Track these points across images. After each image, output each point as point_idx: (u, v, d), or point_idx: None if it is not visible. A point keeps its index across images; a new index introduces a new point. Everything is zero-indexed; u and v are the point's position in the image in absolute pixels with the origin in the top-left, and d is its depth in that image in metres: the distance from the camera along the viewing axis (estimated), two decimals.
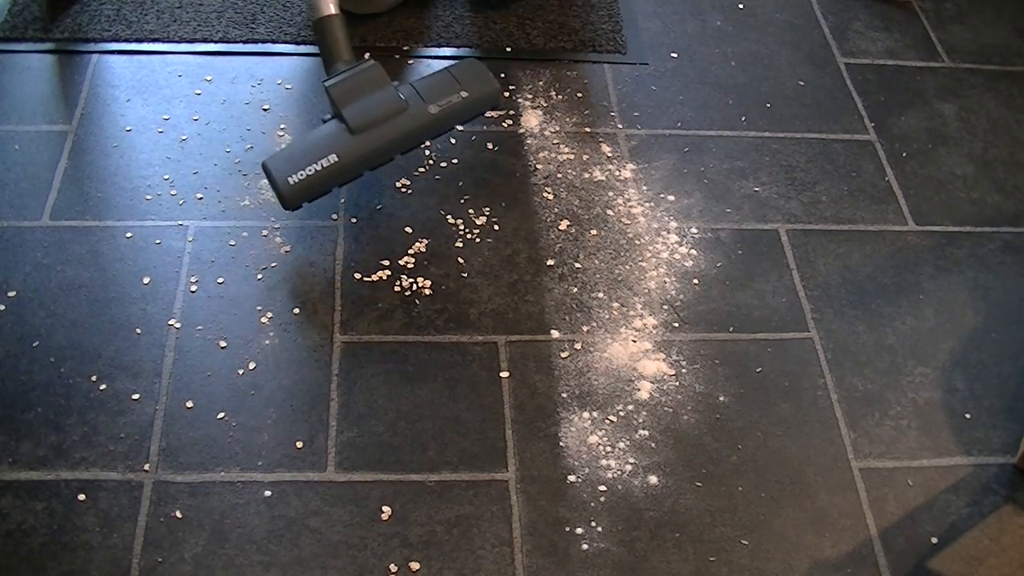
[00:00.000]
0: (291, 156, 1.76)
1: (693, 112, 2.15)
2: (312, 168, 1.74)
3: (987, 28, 2.42)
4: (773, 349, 1.76)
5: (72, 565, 1.43)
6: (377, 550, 1.47)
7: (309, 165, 1.74)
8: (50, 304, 1.72)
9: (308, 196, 1.76)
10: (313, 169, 1.74)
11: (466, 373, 1.69)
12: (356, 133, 1.77)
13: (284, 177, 1.74)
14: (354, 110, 1.77)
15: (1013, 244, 1.97)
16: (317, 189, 1.76)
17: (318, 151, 1.75)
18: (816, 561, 1.51)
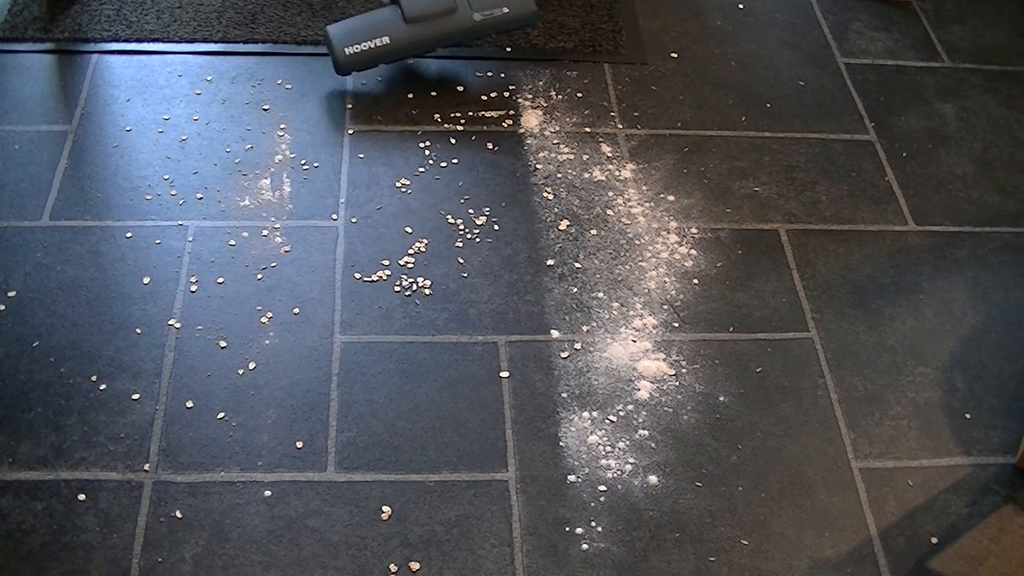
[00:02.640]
0: (351, 30, 2.06)
1: (693, 112, 2.15)
2: (367, 44, 2.04)
3: (987, 28, 2.42)
4: (773, 349, 1.76)
5: (72, 565, 1.43)
6: (377, 550, 1.47)
7: (365, 41, 2.04)
8: (50, 304, 1.72)
9: (358, 67, 2.06)
10: (368, 45, 2.04)
11: (466, 373, 1.69)
12: (409, 23, 2.06)
13: (342, 47, 2.04)
14: (412, 3, 2.07)
15: (1013, 244, 1.97)
16: (367, 63, 2.06)
17: (375, 30, 2.05)
18: (816, 561, 1.51)
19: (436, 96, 2.13)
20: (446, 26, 2.08)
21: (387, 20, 2.07)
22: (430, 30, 2.07)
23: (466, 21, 2.08)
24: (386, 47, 2.05)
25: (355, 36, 2.05)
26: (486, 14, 2.08)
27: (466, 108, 2.11)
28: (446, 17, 2.08)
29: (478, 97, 2.13)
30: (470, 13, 2.08)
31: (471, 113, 2.10)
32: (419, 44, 2.08)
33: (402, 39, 2.06)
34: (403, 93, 2.13)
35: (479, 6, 2.09)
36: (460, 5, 2.09)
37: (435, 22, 2.07)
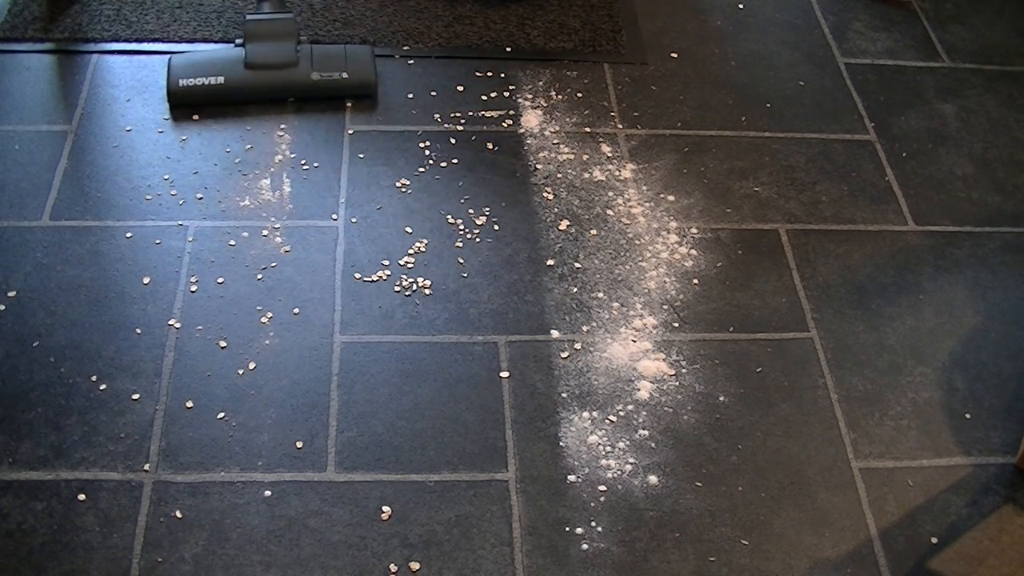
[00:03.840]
0: (192, 62, 2.05)
1: (693, 112, 2.15)
2: (201, 80, 2.02)
3: (987, 28, 2.42)
4: (773, 349, 1.76)
5: (72, 565, 1.43)
6: (377, 550, 1.47)
7: (200, 77, 2.03)
8: (50, 304, 1.72)
9: (188, 101, 2.03)
10: (202, 81, 2.02)
11: (466, 373, 1.69)
12: (248, 68, 2.05)
13: (177, 78, 2.03)
14: (255, 48, 2.07)
15: (1013, 244, 1.97)
16: (199, 99, 2.03)
17: (212, 68, 2.04)
18: (816, 561, 1.51)
19: (436, 96, 2.13)
20: (283, 79, 2.06)
21: (228, 61, 2.06)
22: (266, 79, 2.05)
23: (303, 78, 2.06)
24: (219, 87, 2.03)
25: (193, 69, 2.04)
26: (325, 75, 2.06)
27: (466, 108, 2.11)
28: (285, 70, 2.06)
29: (478, 97, 2.13)
30: (309, 71, 2.06)
31: (471, 113, 2.10)
32: (254, 91, 2.05)
33: (237, 83, 2.04)
34: (403, 93, 2.13)
35: (320, 66, 2.07)
36: (302, 61, 2.07)
37: (273, 72, 2.05)
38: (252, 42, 2.08)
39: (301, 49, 2.09)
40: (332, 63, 2.07)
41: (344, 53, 2.09)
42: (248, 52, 2.06)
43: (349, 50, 2.10)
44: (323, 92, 2.07)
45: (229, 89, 2.03)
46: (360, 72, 2.08)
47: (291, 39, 2.09)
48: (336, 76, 2.06)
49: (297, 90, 2.07)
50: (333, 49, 2.10)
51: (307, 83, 2.06)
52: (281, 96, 2.07)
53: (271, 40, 2.08)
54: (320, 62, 2.07)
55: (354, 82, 2.07)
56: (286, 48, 2.07)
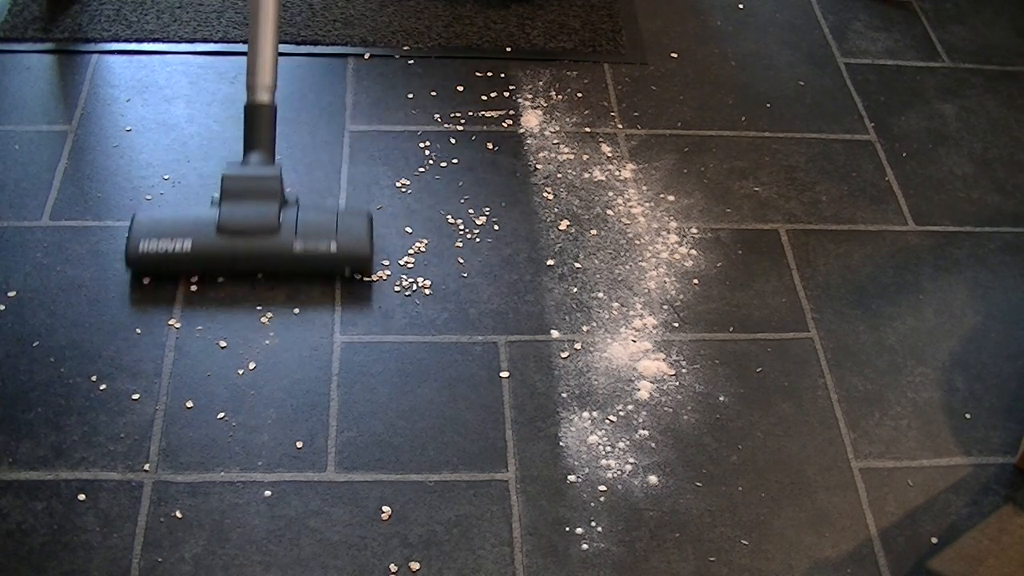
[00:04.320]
0: (157, 221, 1.76)
1: (693, 112, 2.15)
2: (165, 245, 1.72)
3: (987, 28, 2.42)
4: (773, 349, 1.76)
5: (72, 565, 1.43)
6: (377, 550, 1.47)
7: (164, 239, 1.72)
8: (50, 304, 1.72)
9: (150, 268, 1.75)
10: (166, 247, 1.72)
11: (466, 373, 1.69)
12: (220, 233, 1.74)
13: (137, 240, 1.73)
14: (230, 210, 1.75)
15: (1013, 244, 1.97)
16: (161, 267, 1.75)
17: (179, 231, 1.74)
18: (816, 561, 1.51)
19: (436, 96, 2.13)
20: (260, 248, 1.74)
21: (198, 223, 1.75)
22: (241, 248, 1.74)
23: (284, 249, 1.73)
24: (185, 255, 1.72)
25: (157, 229, 1.74)
26: (308, 247, 1.73)
27: (466, 108, 2.11)
28: (263, 238, 1.74)
29: (478, 97, 2.13)
30: (291, 241, 1.74)
31: (471, 113, 2.10)
32: (225, 261, 1.75)
33: (206, 250, 1.73)
34: (403, 93, 2.13)
35: (304, 235, 1.74)
36: (284, 229, 1.74)
37: (249, 240, 1.73)
38: (228, 201, 1.76)
39: (285, 212, 1.77)
40: (319, 231, 1.75)
41: (335, 220, 1.77)
42: (222, 214, 1.75)
43: (342, 216, 1.79)
44: (310, 265, 1.76)
45: (197, 257, 1.73)
46: (352, 244, 1.76)
47: (274, 200, 1.76)
48: (323, 247, 1.74)
49: (276, 262, 1.76)
50: (323, 213, 1.80)
51: (287, 255, 1.74)
52: (258, 268, 1.77)
53: (251, 200, 1.76)
54: (306, 230, 1.75)
55: (344, 256, 1.76)
56: (266, 211, 1.75)
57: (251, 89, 1.84)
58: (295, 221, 1.76)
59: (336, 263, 1.76)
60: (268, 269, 1.77)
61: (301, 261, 1.75)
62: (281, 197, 1.78)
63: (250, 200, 1.76)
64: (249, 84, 1.84)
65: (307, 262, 1.75)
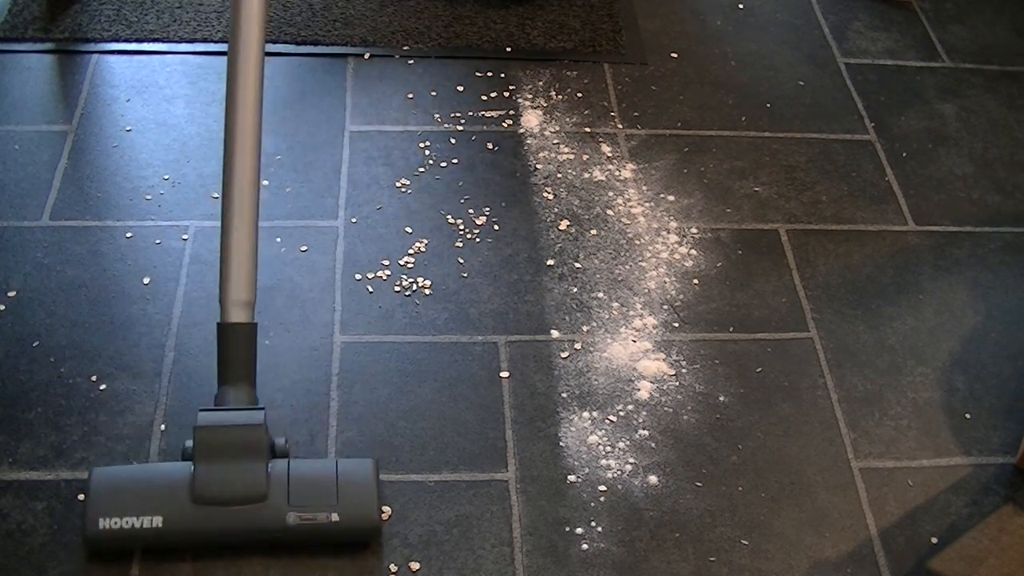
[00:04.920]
0: (120, 489, 1.42)
1: (693, 112, 2.15)
2: (130, 521, 1.39)
3: (987, 28, 2.42)
4: (773, 349, 1.76)
5: (72, 565, 1.43)
6: (377, 550, 1.47)
7: (128, 516, 1.40)
8: (50, 304, 1.72)
9: (114, 547, 1.42)
10: (130, 523, 1.39)
11: (466, 373, 1.69)
12: (195, 502, 1.40)
13: (97, 516, 1.40)
14: (207, 473, 1.41)
15: (1013, 244, 1.97)
16: (128, 544, 1.42)
17: (146, 503, 1.40)
18: (816, 561, 1.51)
19: (436, 96, 2.13)
20: (244, 521, 1.40)
21: (168, 491, 1.41)
22: (222, 521, 1.40)
23: (276, 520, 1.40)
24: (156, 532, 1.39)
25: (120, 503, 1.40)
26: (304, 517, 1.41)
27: (466, 108, 2.11)
28: (249, 507, 1.40)
29: (478, 97, 2.13)
30: (283, 511, 1.41)
31: (471, 113, 2.10)
32: (203, 536, 1.42)
33: (180, 525, 1.40)
34: (403, 93, 2.13)
35: (298, 502, 1.41)
36: (274, 495, 1.41)
37: (232, 512, 1.40)
38: (203, 462, 1.42)
39: (274, 470, 1.44)
40: (318, 495, 1.43)
41: (335, 479, 1.45)
42: (197, 479, 1.41)
43: (343, 470, 1.46)
44: (307, 538, 1.43)
45: (170, 534, 1.40)
46: (357, 512, 1.43)
47: (260, 457, 1.42)
48: (323, 517, 1.42)
49: (267, 537, 1.43)
50: (320, 472, 1.46)
51: (282, 527, 1.41)
52: (247, 545, 1.44)
53: (231, 459, 1.42)
54: (299, 495, 1.42)
55: (347, 527, 1.43)
56: (251, 474, 1.42)
57: (224, 306, 1.51)
58: (287, 483, 1.43)
59: (340, 533, 1.44)
60: (255, 544, 1.45)
61: (298, 534, 1.42)
62: (268, 451, 1.45)
63: (229, 458, 1.42)
64: (222, 299, 1.51)
65: (305, 535, 1.42)
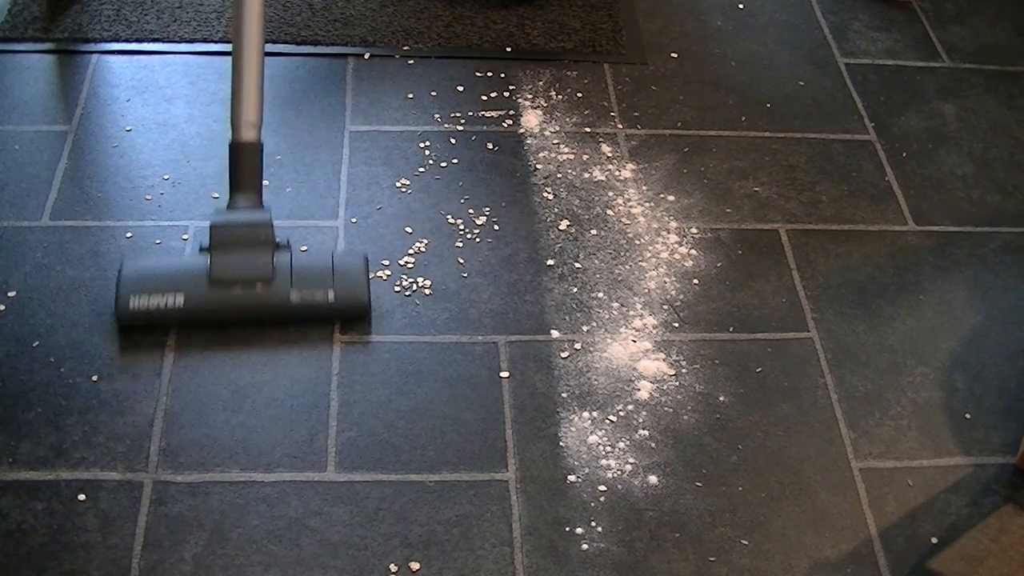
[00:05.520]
0: (146, 275, 1.69)
1: (693, 112, 2.15)
2: (157, 301, 1.66)
3: (987, 28, 2.42)
4: (773, 349, 1.76)
5: (72, 565, 1.43)
6: (377, 550, 1.47)
7: (155, 295, 1.66)
8: (50, 304, 1.72)
9: (142, 322, 1.68)
10: (156, 302, 1.66)
11: (466, 373, 1.69)
12: (212, 284, 1.68)
13: (127, 295, 1.67)
14: (222, 260, 1.69)
15: (1013, 244, 1.97)
16: (155, 320, 1.68)
17: (170, 284, 1.67)
18: (816, 561, 1.51)
19: (436, 96, 2.13)
20: (255, 300, 1.68)
21: (189, 275, 1.69)
22: (235, 299, 1.68)
23: (281, 300, 1.68)
24: (178, 310, 1.66)
25: (147, 285, 1.67)
26: (305, 296, 1.68)
27: (466, 108, 2.11)
28: (258, 288, 1.68)
29: (478, 97, 2.13)
30: (287, 290, 1.68)
31: (471, 113, 2.10)
32: (220, 313, 1.69)
33: (199, 303, 1.67)
34: (403, 93, 2.13)
35: (300, 283, 1.69)
36: (279, 278, 1.69)
37: (243, 292, 1.68)
38: (218, 252, 1.69)
39: (279, 258, 1.71)
40: (316, 278, 1.70)
41: (331, 266, 1.73)
42: (213, 264, 1.68)
43: (338, 260, 1.74)
44: (306, 315, 1.71)
45: (190, 311, 1.67)
46: (349, 292, 1.71)
47: (266, 247, 1.70)
48: (320, 297, 1.69)
49: (272, 313, 1.70)
50: (318, 259, 1.75)
51: (285, 305, 1.69)
52: (253, 320, 1.71)
53: (242, 249, 1.70)
54: (301, 277, 1.70)
55: (342, 305, 1.71)
56: (259, 260, 1.70)
57: (235, 126, 1.75)
58: (290, 269, 1.70)
59: (333, 313, 1.71)
60: (264, 321, 1.71)
61: (299, 311, 1.70)
62: (273, 243, 1.71)
63: (241, 248, 1.70)
64: (233, 121, 1.75)
65: (305, 312, 1.70)
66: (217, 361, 1.67)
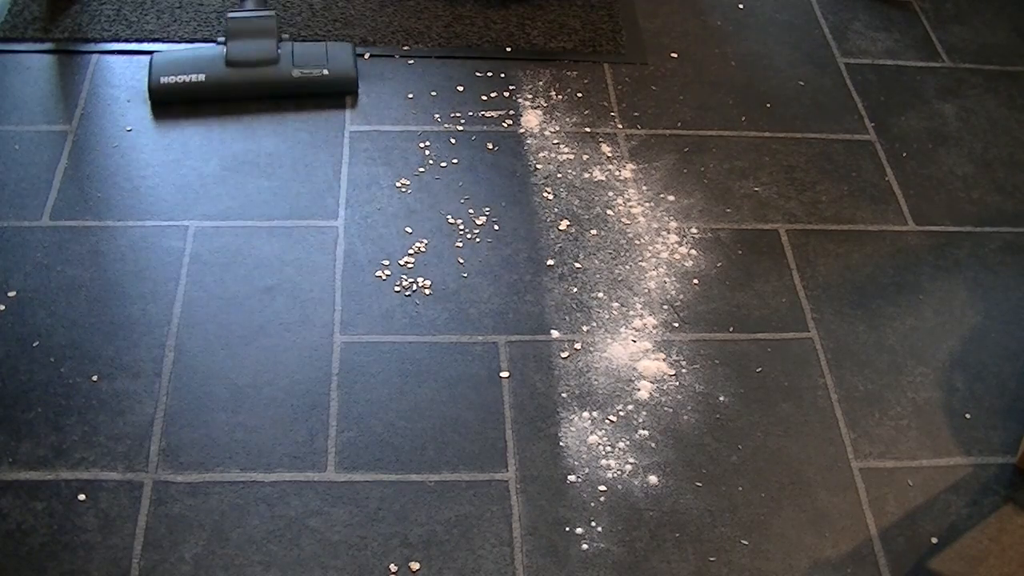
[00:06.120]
0: (174, 60, 2.07)
1: (693, 112, 2.15)
2: (182, 78, 2.03)
3: (987, 28, 2.42)
4: (773, 349, 1.76)
5: (72, 565, 1.43)
6: (377, 550, 1.47)
7: (181, 74, 2.04)
8: (50, 304, 1.72)
9: (170, 98, 2.04)
10: (183, 79, 2.03)
11: (466, 373, 1.69)
12: (229, 66, 2.06)
13: (158, 76, 2.03)
14: (236, 47, 2.07)
15: (1013, 244, 1.97)
16: (179, 96, 2.04)
17: (194, 66, 2.05)
18: (816, 561, 1.51)
19: (436, 96, 2.13)
20: (264, 76, 2.06)
21: (209, 58, 2.07)
22: (247, 77, 2.06)
23: (285, 75, 2.06)
24: (200, 84, 2.04)
25: (174, 67, 2.05)
26: (305, 72, 2.06)
27: (466, 108, 2.11)
28: (266, 67, 2.06)
29: (478, 97, 2.13)
30: (290, 68, 2.07)
31: (471, 113, 2.10)
32: (235, 88, 2.06)
33: (218, 80, 2.05)
34: (403, 93, 2.13)
35: (301, 63, 2.07)
36: (283, 58, 2.08)
37: (254, 70, 2.06)
38: (233, 40, 2.08)
39: (282, 46, 2.10)
40: (312, 59, 2.08)
41: (325, 50, 2.10)
42: (229, 49, 2.07)
43: (330, 47, 2.11)
44: (304, 89, 2.07)
45: (210, 87, 2.04)
46: (341, 68, 2.08)
47: (272, 36, 2.10)
48: (317, 73, 2.07)
49: (278, 87, 2.07)
50: (314, 46, 2.11)
51: (288, 80, 2.06)
52: (263, 93, 2.07)
53: (252, 37, 2.09)
54: (301, 59, 2.08)
55: (334, 78, 2.08)
56: (267, 45, 2.08)
57: None
58: (291, 52, 2.09)
59: (328, 86, 2.07)
60: (271, 93, 2.07)
61: (299, 85, 2.07)
62: (277, 33, 2.11)
63: (252, 37, 2.09)
64: None
65: (303, 86, 2.07)
66: (217, 361, 1.67)
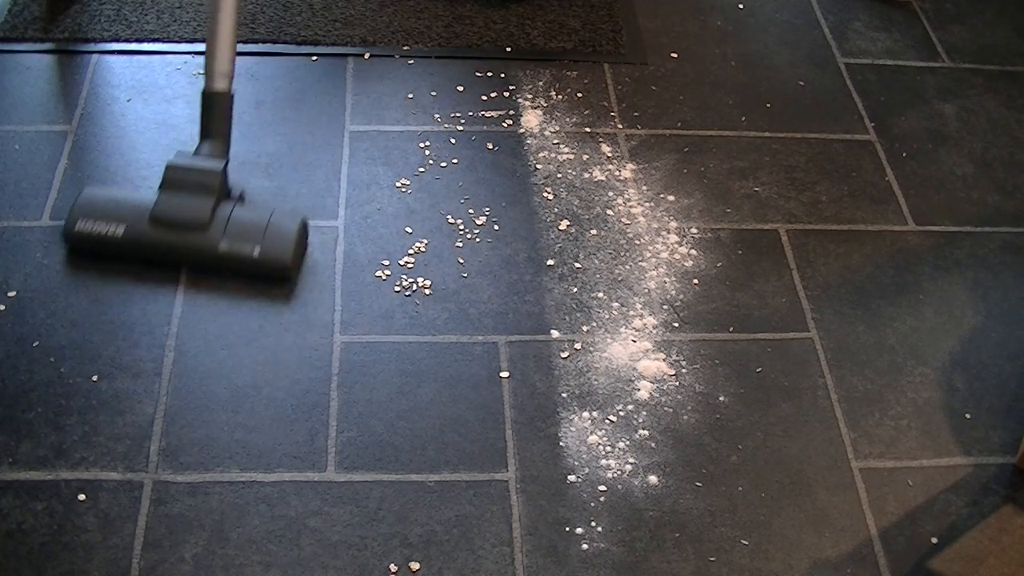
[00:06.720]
0: (99, 202, 1.78)
1: (693, 112, 2.15)
2: (100, 227, 1.76)
3: (987, 28, 2.42)
4: (773, 349, 1.76)
5: (72, 565, 1.43)
6: (377, 550, 1.47)
7: (100, 222, 1.76)
8: (50, 304, 1.72)
9: (83, 245, 1.78)
10: (100, 229, 1.76)
11: (466, 373, 1.69)
12: (152, 221, 1.75)
13: (76, 219, 1.76)
14: (166, 200, 1.77)
15: (1013, 244, 1.97)
16: (95, 246, 1.77)
17: (115, 214, 1.76)
18: (816, 561, 1.51)
19: (436, 96, 2.13)
20: (185, 243, 1.74)
21: (133, 208, 1.77)
22: (167, 240, 1.75)
23: (209, 247, 1.74)
24: (115, 240, 1.75)
25: (97, 210, 1.77)
26: (233, 247, 1.74)
27: (466, 108, 2.11)
28: (191, 233, 1.74)
29: (478, 97, 2.13)
30: (218, 239, 1.74)
31: (471, 113, 2.10)
32: (151, 250, 1.76)
33: (135, 237, 1.75)
34: (403, 93, 2.13)
35: (232, 235, 1.75)
36: (214, 225, 1.75)
37: (178, 233, 1.74)
38: (167, 190, 1.78)
39: (221, 209, 1.77)
40: (246, 234, 1.75)
41: (266, 225, 1.76)
42: (157, 202, 1.76)
43: (275, 218, 1.78)
44: (231, 264, 1.76)
45: (125, 244, 1.75)
46: (275, 251, 1.75)
47: (210, 195, 1.76)
48: (246, 252, 1.74)
49: (200, 258, 1.76)
50: (256, 216, 1.78)
51: (211, 253, 1.75)
52: (182, 262, 1.78)
53: (189, 193, 1.77)
54: (235, 229, 1.75)
55: (263, 261, 1.75)
56: (200, 205, 1.76)
57: (208, 76, 1.82)
58: (227, 220, 1.76)
59: (258, 268, 1.76)
60: (192, 265, 1.78)
61: (225, 260, 1.75)
62: (219, 193, 1.77)
63: (188, 192, 1.77)
64: (207, 70, 1.82)
65: (230, 262, 1.76)
66: (217, 361, 1.67)
